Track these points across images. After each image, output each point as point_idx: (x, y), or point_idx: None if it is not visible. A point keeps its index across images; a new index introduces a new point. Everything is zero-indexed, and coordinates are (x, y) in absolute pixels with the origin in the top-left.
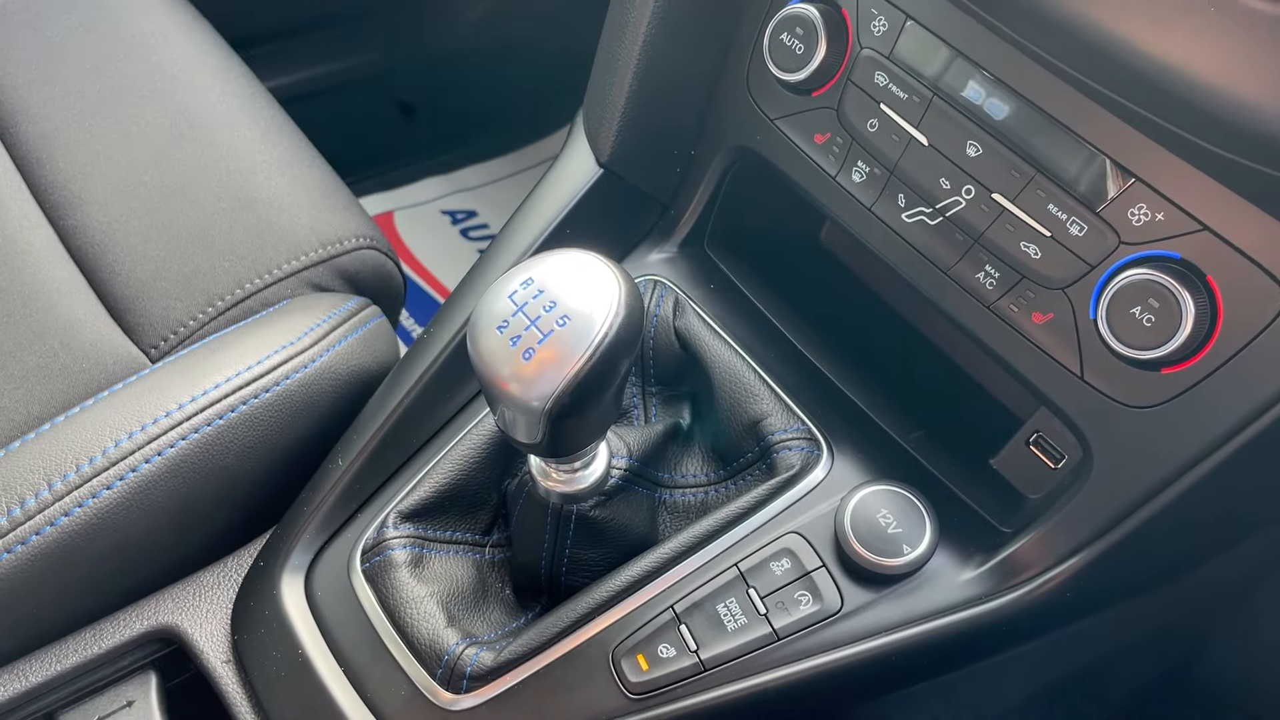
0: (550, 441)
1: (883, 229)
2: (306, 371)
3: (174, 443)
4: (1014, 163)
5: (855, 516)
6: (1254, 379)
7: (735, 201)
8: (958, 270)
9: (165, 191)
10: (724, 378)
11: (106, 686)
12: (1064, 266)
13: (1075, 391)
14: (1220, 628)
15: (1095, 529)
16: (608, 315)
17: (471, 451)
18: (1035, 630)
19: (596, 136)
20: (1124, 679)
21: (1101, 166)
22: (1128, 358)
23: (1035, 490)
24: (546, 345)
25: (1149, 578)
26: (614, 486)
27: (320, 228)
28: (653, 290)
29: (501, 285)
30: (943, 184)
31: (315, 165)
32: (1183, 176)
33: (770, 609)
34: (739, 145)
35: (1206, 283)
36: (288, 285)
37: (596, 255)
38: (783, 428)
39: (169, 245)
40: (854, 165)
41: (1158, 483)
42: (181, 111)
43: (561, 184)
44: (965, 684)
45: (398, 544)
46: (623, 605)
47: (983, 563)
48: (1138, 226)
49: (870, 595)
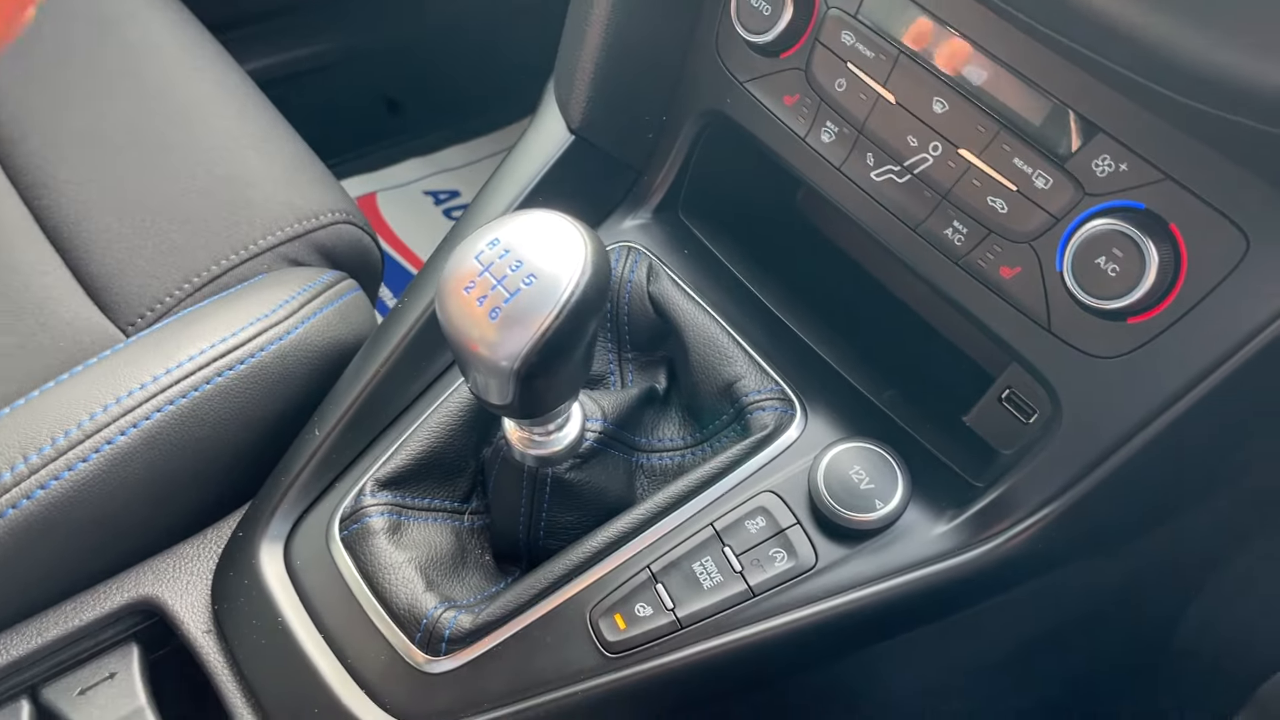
0: (521, 402)
1: (852, 188)
2: (281, 344)
3: (149, 415)
4: (979, 118)
5: (828, 474)
6: (1218, 326)
7: (708, 167)
8: (927, 227)
9: (139, 169)
10: (698, 341)
11: (88, 659)
12: (1030, 220)
13: (1043, 344)
14: (1201, 592)
15: (1066, 480)
16: (574, 274)
17: (448, 419)
18: (1008, 583)
19: (567, 103)
20: (1101, 640)
21: (1065, 119)
22: (1093, 308)
23: (1008, 445)
24: (513, 304)
25: (1121, 530)
26: (589, 449)
27: (296, 203)
28: (626, 256)
29: (468, 246)
30: (910, 141)
31: (290, 141)
32: (1145, 127)
33: (745, 566)
34: (709, 109)
35: (1170, 231)
36: (264, 260)
37: (563, 215)
38: (757, 389)
39: (144, 223)
40: (823, 125)
41: (1126, 432)
42: (155, 89)
43: (533, 152)
44: (939, 639)
45: (375, 511)
46: (600, 566)
47: (955, 517)
48: (1102, 178)
49: (844, 551)
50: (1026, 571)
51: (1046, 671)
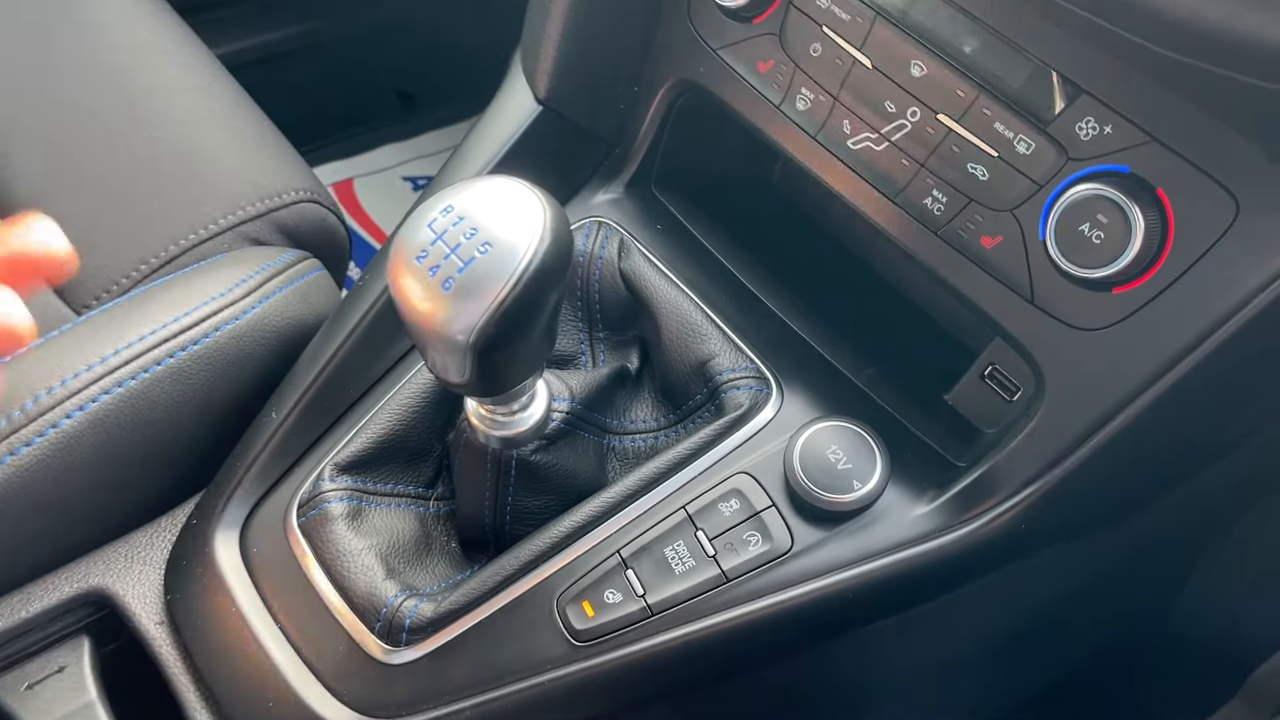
0: (480, 379)
1: (829, 157)
2: (238, 324)
3: (96, 397)
4: (958, 82)
5: (804, 454)
6: (1206, 295)
7: (682, 139)
8: (905, 196)
9: (94, 147)
10: (670, 319)
11: (37, 653)
12: (1012, 186)
13: (1026, 317)
14: (1191, 575)
15: (1050, 458)
16: (532, 242)
17: (411, 400)
18: (991, 565)
19: (534, 73)
20: (1089, 625)
21: (1048, 80)
22: (1078, 278)
23: (990, 424)
24: (467, 274)
25: (1108, 509)
26: (556, 431)
27: (258, 180)
28: (597, 232)
29: (421, 214)
30: (887, 107)
31: (254, 118)
32: (1131, 87)
33: (719, 550)
34: (682, 78)
35: (1156, 196)
36: (224, 240)
37: (521, 181)
38: (731, 367)
39: (99, 202)
40: (798, 92)
41: (1111, 407)
42: (111, 66)
43: (498, 124)
44: (920, 624)
45: (334, 496)
46: (568, 552)
47: (936, 497)
48: (1086, 141)
49: (821, 533)
50: (1010, 553)
51: (1032, 659)
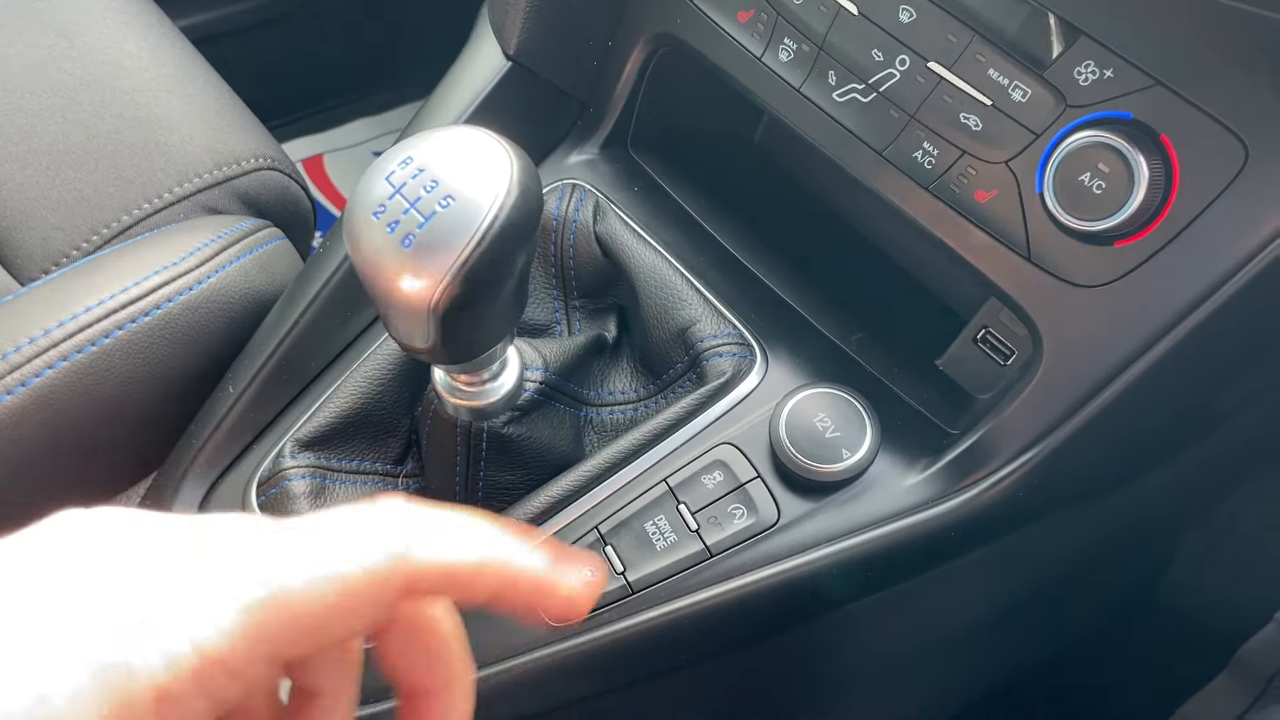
0: (445, 345)
1: (814, 111)
2: (192, 294)
3: (40, 371)
4: (951, 26)
5: (791, 422)
6: (1213, 248)
7: (660, 97)
8: (894, 150)
9: (43, 114)
10: (648, 283)
11: None
12: (1007, 137)
13: (1022, 274)
14: (1183, 547)
15: (1048, 423)
16: (498, 195)
17: (377, 373)
18: (986, 536)
19: (501, 26)
20: (1082, 599)
21: (1044, 23)
22: (1077, 231)
23: (984, 390)
24: (428, 230)
25: (1107, 477)
26: (529, 402)
27: (216, 148)
28: (570, 194)
29: (378, 166)
30: (875, 56)
31: (211, 85)
32: (1133, 27)
33: (702, 525)
34: (659, 31)
35: (1160, 143)
36: (180, 209)
37: (486, 131)
38: (712, 333)
39: (48, 170)
40: (780, 43)
41: (1112, 368)
42: (61, 30)
43: (465, 82)
44: (912, 599)
45: (296, 474)
46: (544, 529)
47: (928, 466)
48: (1085, 87)
49: (809, 505)
50: (1005, 524)
51: (1027, 632)
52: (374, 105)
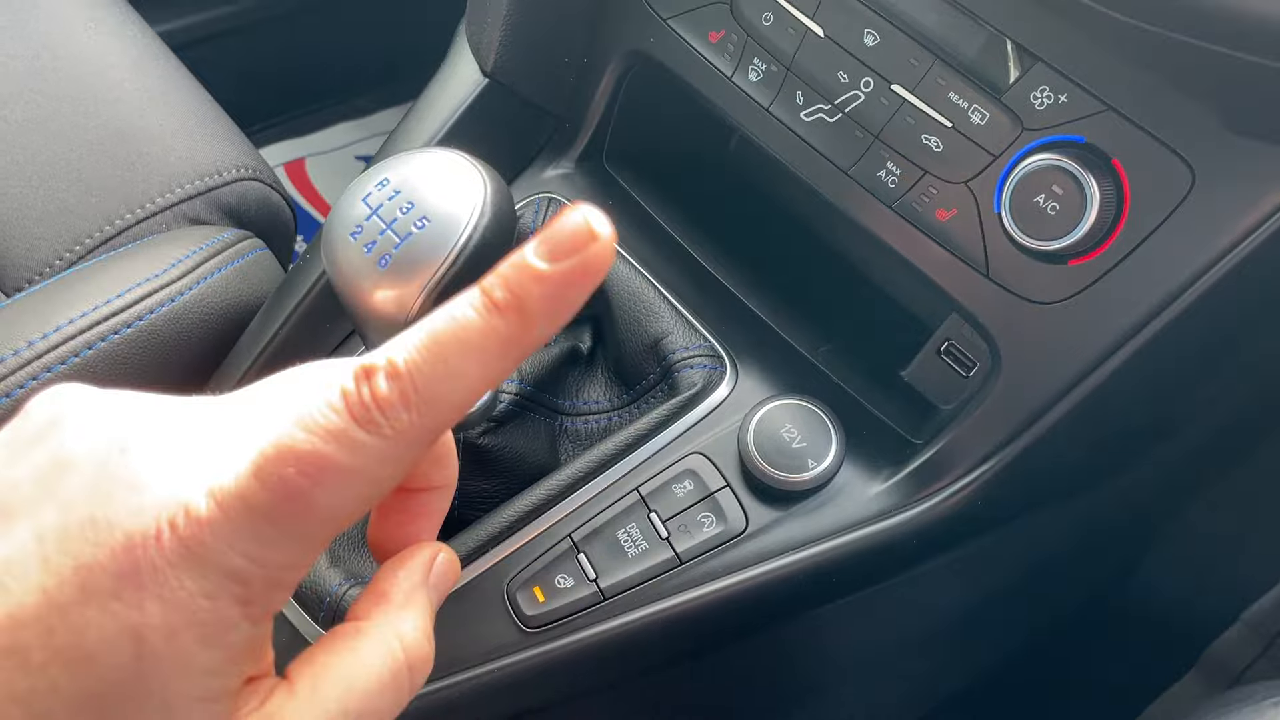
0: None
1: (782, 130)
2: (174, 305)
3: (24, 384)
4: (912, 51)
5: (759, 432)
6: (1162, 267)
7: (634, 113)
8: (859, 169)
9: (25, 125)
10: (622, 296)
11: None
12: (966, 158)
13: (981, 291)
14: (1147, 550)
15: (1007, 433)
16: (472, 216)
17: None
18: (948, 543)
19: (479, 44)
20: (1046, 603)
21: (1002, 48)
22: (1033, 250)
23: (947, 401)
24: (403, 250)
25: (1065, 485)
26: (504, 413)
27: (197, 158)
28: (546, 208)
29: (355, 188)
30: (840, 77)
31: (192, 95)
32: (1087, 55)
33: (673, 532)
34: (632, 49)
35: (1112, 166)
36: (161, 220)
37: (460, 153)
38: (684, 345)
39: (30, 182)
40: (750, 63)
41: (1068, 381)
42: (44, 41)
43: (443, 98)
44: (877, 605)
45: None
46: (518, 537)
47: (892, 475)
48: (1041, 111)
49: (776, 514)
50: (967, 531)
51: (990, 637)
52: (357, 109)
